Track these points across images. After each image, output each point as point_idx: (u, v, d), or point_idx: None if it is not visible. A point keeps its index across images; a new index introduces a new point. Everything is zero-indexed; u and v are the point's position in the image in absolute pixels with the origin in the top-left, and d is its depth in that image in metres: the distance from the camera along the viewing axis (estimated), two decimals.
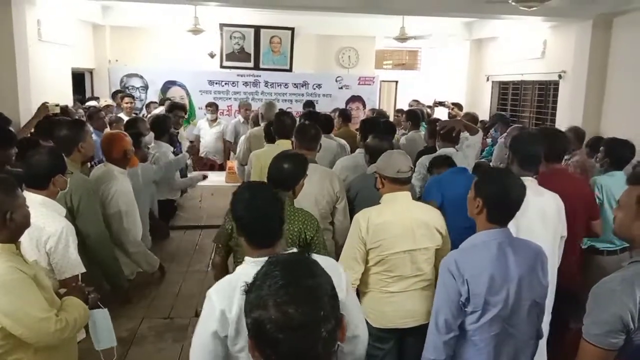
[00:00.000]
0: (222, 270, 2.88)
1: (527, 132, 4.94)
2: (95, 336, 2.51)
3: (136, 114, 7.91)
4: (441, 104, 7.98)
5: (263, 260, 1.83)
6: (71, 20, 8.22)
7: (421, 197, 3.68)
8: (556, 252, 2.96)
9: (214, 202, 6.60)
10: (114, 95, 8.53)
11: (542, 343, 2.54)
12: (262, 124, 5.98)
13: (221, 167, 8.28)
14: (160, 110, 7.59)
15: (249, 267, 1.90)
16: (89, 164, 4.54)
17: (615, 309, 1.75)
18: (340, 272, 1.98)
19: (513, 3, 5.06)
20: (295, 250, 2.04)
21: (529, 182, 2.65)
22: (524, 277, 2.15)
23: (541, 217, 2.83)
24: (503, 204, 2.22)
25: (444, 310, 2.14)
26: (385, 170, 2.82)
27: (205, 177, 6.07)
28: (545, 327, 2.63)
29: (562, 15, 6.62)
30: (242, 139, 6.33)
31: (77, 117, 5.80)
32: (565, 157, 4.82)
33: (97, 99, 8.26)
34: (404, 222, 2.72)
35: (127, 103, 7.71)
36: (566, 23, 7.19)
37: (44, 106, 5.17)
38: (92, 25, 9.10)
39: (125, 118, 6.84)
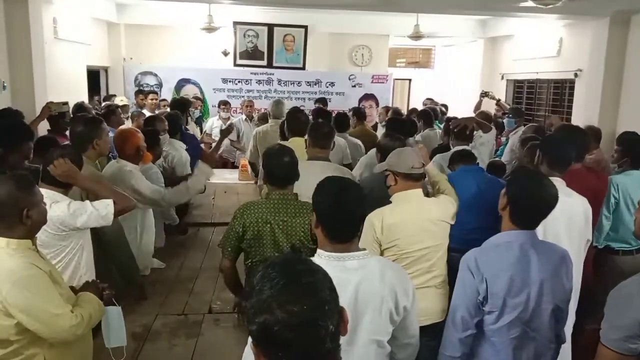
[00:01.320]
0: (232, 273, 2.86)
1: (559, 133, 4.92)
2: (106, 333, 2.52)
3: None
4: (487, 94, 7.85)
5: (338, 255, 1.89)
6: (86, 19, 8.29)
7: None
8: (582, 255, 2.92)
9: (227, 199, 6.64)
10: (136, 95, 8.62)
11: (567, 347, 2.51)
12: (270, 122, 5.97)
13: (234, 165, 8.32)
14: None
15: (322, 261, 1.87)
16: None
17: (634, 314, 1.73)
18: (408, 280, 2.01)
19: (529, 0, 5.01)
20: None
21: (558, 182, 2.63)
22: (546, 280, 2.12)
23: (567, 218, 2.79)
24: (525, 208, 2.18)
25: (462, 307, 2.12)
26: (398, 167, 2.80)
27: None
28: (568, 330, 2.60)
29: (578, 13, 6.55)
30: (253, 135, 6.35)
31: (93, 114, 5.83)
32: None
33: (112, 97, 8.30)
34: (417, 220, 2.71)
35: (152, 99, 7.81)
36: (582, 21, 7.11)
37: (46, 106, 5.15)
38: (107, 23, 9.17)
39: (148, 114, 6.97)
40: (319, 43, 10.02)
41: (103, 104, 7.69)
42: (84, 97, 7.69)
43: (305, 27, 9.72)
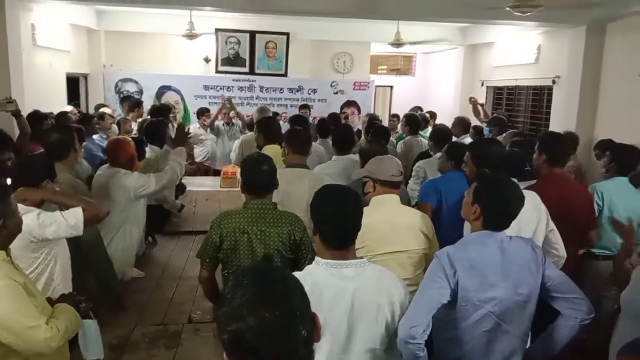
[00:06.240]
0: (211, 284, 2.84)
1: (487, 138, 5.02)
2: (84, 346, 2.48)
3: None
4: (471, 99, 7.90)
5: (335, 262, 1.91)
6: (65, 25, 8.20)
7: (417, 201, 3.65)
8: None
9: (208, 207, 6.59)
10: (122, 102, 8.61)
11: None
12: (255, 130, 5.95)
13: (216, 173, 8.28)
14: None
15: (320, 268, 1.93)
16: None
17: None
18: (406, 289, 2.03)
19: (508, 9, 5.07)
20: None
21: None
22: (517, 274, 2.15)
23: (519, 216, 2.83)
24: (501, 214, 2.22)
25: (429, 295, 2.11)
26: (378, 174, 2.83)
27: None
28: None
29: (556, 21, 6.64)
30: (236, 143, 6.35)
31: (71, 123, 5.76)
32: None
33: (101, 106, 8.18)
34: (390, 224, 2.73)
35: (142, 110, 7.81)
36: (560, 29, 7.21)
37: None
38: (86, 30, 9.08)
39: (132, 123, 7.13)
40: (301, 50, 10.04)
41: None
42: (63, 104, 7.59)
43: (287, 34, 9.73)
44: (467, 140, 6.12)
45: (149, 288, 4.44)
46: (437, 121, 8.55)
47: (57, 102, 7.30)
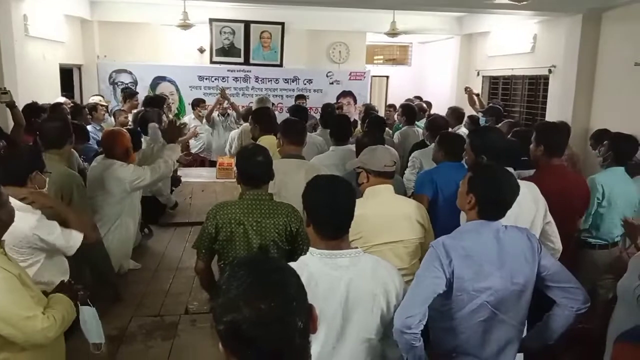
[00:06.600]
0: (208, 275, 2.83)
1: (486, 126, 5.03)
2: (86, 330, 2.49)
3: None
4: (466, 89, 7.90)
5: (329, 252, 1.92)
6: (59, 16, 8.12)
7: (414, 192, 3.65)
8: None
9: (204, 198, 6.58)
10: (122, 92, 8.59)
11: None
12: None
13: (212, 164, 8.26)
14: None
15: (315, 259, 1.94)
16: None
17: None
18: (401, 279, 2.04)
19: None
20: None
21: None
22: (513, 263, 2.16)
23: (517, 204, 2.83)
24: (496, 203, 2.22)
25: (424, 285, 2.10)
26: (371, 165, 2.83)
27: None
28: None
29: (552, 10, 6.64)
30: (234, 133, 6.32)
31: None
32: None
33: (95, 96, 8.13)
34: (385, 214, 2.72)
35: (136, 101, 7.74)
36: (556, 18, 7.20)
37: None
38: (80, 20, 9.00)
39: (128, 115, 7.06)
40: (296, 40, 9.98)
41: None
42: (56, 95, 7.53)
43: (282, 24, 9.67)
44: (462, 130, 6.11)
45: (146, 279, 4.44)
46: (433, 111, 8.53)
47: (50, 94, 7.24)
